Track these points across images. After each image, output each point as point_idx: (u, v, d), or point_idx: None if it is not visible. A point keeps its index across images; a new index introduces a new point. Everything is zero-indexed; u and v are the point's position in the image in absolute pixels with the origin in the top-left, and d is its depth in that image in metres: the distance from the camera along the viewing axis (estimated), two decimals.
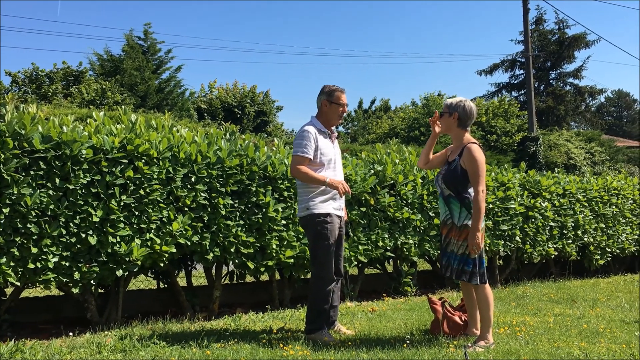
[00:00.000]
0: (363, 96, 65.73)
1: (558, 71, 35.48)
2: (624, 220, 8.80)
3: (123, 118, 4.92)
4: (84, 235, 4.35)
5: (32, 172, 4.19)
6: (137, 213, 4.60)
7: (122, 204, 4.52)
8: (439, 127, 4.38)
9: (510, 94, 34.88)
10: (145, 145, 4.65)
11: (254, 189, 5.22)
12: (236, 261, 5.20)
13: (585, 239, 8.24)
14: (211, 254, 4.97)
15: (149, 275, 5.49)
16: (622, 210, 8.80)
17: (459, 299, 5.05)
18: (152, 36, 23.51)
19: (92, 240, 4.36)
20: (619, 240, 8.68)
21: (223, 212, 5.01)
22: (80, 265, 4.35)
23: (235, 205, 5.13)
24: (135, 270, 4.67)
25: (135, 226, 4.60)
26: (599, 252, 8.45)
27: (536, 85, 33.17)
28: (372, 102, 35.68)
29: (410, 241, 6.36)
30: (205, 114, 22.94)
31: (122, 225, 4.52)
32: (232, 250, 5.06)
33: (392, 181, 6.33)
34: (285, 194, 5.42)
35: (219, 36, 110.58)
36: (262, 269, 5.32)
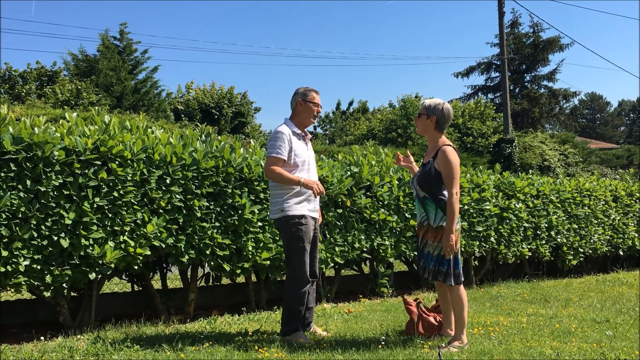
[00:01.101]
0: (341, 98, 65.82)
1: (533, 74, 35.98)
2: (596, 221, 8.95)
3: (96, 119, 4.85)
4: (55, 238, 4.28)
5: (2, 174, 4.11)
6: (110, 215, 4.55)
7: (95, 206, 4.46)
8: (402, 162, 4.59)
9: (486, 96, 35.28)
10: (119, 146, 4.60)
11: (229, 190, 5.20)
12: (212, 263, 5.17)
13: (559, 240, 8.36)
14: (186, 256, 4.94)
15: (123, 278, 5.43)
16: (595, 211, 8.95)
17: (435, 299, 5.09)
18: (128, 36, 23.26)
19: (64, 243, 4.30)
20: (592, 240, 8.82)
21: (198, 214, 4.98)
22: (52, 268, 4.29)
23: (211, 207, 5.10)
24: (108, 273, 4.62)
25: (108, 228, 4.54)
26: (572, 252, 8.58)
27: (511, 88, 33.58)
28: (350, 103, 35.76)
29: (387, 242, 6.39)
30: (182, 115, 22.79)
31: (95, 227, 4.46)
32: (207, 252, 5.03)
33: (369, 183, 6.35)
34: (262, 195, 5.40)
35: (195, 37, 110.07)
36: (238, 271, 5.29)
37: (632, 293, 6.77)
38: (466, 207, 7.18)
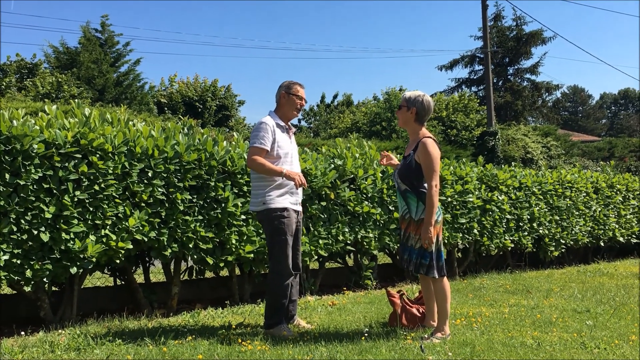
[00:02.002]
0: (325, 91, 65.87)
1: (516, 67, 36.17)
2: (577, 213, 9.05)
3: (77, 112, 4.79)
4: (36, 232, 4.23)
5: None
6: (91, 209, 4.50)
7: (75, 199, 4.41)
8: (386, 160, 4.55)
9: (469, 89, 35.39)
10: (99, 139, 4.55)
11: (212, 183, 5.17)
12: (195, 257, 5.14)
13: (541, 231, 8.44)
14: (169, 250, 4.91)
15: (105, 272, 5.38)
16: (576, 202, 9.05)
17: (418, 291, 5.12)
18: (109, 28, 22.98)
19: (45, 237, 4.25)
20: (573, 232, 8.92)
21: (181, 208, 4.95)
22: (32, 262, 4.24)
23: (194, 200, 5.07)
24: (90, 267, 4.57)
25: (89, 222, 4.50)
26: (554, 243, 8.67)
27: (495, 81, 33.75)
28: (335, 96, 35.72)
29: (371, 235, 6.40)
30: (166, 108, 22.61)
31: (76, 221, 4.42)
32: (190, 245, 5.00)
33: (352, 175, 6.36)
34: (245, 188, 5.38)
35: (177, 29, 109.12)
36: (222, 265, 5.28)
37: (612, 283, 6.86)
38: (449, 199, 7.22)
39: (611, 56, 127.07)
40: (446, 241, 7.18)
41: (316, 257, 6.07)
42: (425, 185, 4.10)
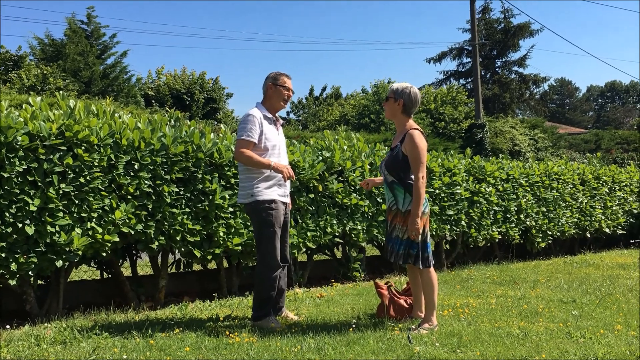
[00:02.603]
0: (314, 83, 65.62)
1: (503, 59, 36.33)
2: (564, 204, 9.11)
3: (61, 104, 4.74)
4: (20, 225, 4.18)
5: None
6: (77, 202, 4.46)
7: (61, 192, 4.36)
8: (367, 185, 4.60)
9: (458, 81, 35.53)
10: (85, 131, 4.50)
11: (200, 176, 5.15)
12: (182, 249, 5.12)
13: (528, 223, 8.49)
14: (156, 243, 4.88)
15: (92, 265, 5.35)
16: (563, 194, 9.11)
17: (406, 282, 5.13)
18: (95, 20, 22.77)
19: (30, 230, 4.20)
20: (560, 223, 8.98)
21: (168, 200, 4.92)
22: (17, 256, 4.19)
23: (181, 192, 5.04)
24: (76, 260, 4.53)
25: (75, 215, 4.46)
26: (541, 235, 8.73)
27: (483, 73, 33.89)
28: (323, 89, 35.66)
29: (359, 227, 6.41)
30: (153, 101, 22.46)
31: (61, 214, 4.37)
32: (178, 238, 4.98)
33: (340, 167, 6.35)
34: (233, 181, 5.36)
35: (164, 20, 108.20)
36: (209, 257, 5.25)
37: (598, 274, 6.92)
38: (437, 191, 7.24)
39: (598, 49, 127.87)
40: (434, 233, 7.20)
41: (304, 249, 6.07)
42: (412, 176, 4.11)
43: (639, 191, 10.77)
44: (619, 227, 10.19)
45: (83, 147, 4.51)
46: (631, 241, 10.90)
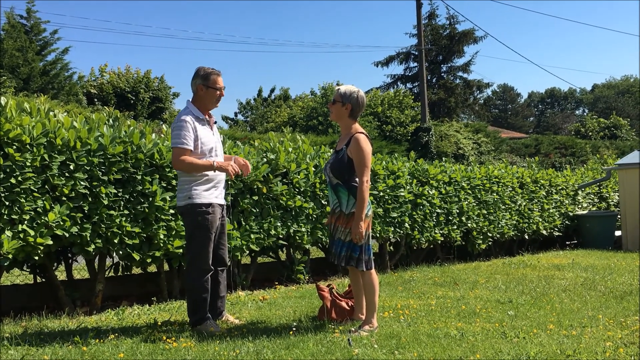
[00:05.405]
0: (263, 84, 65.40)
1: (449, 65, 37.08)
2: (503, 207, 9.37)
3: None
4: None
5: None
6: (7, 203, 4.28)
7: None
8: None
9: (405, 85, 36.05)
10: (16, 130, 4.33)
11: (139, 177, 5.02)
12: (121, 252, 4.98)
13: (469, 225, 8.68)
14: (92, 246, 4.73)
15: (25, 269, 5.13)
16: (502, 197, 9.36)
17: (348, 285, 5.16)
18: (35, 15, 21.94)
19: None
20: (499, 225, 9.23)
21: (105, 202, 4.78)
22: None
23: (119, 194, 4.91)
24: (6, 264, 4.35)
25: (5, 217, 4.27)
26: (481, 237, 8.94)
27: (429, 78, 34.49)
28: (272, 90, 35.54)
29: (303, 229, 6.40)
30: (96, 100, 21.82)
31: None
32: (115, 241, 4.84)
33: (285, 169, 6.33)
34: (174, 182, 5.25)
35: (107, 17, 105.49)
36: (149, 260, 5.14)
37: (534, 274, 7.14)
38: (381, 193, 7.31)
39: (539, 57, 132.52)
40: (378, 235, 7.27)
41: (248, 251, 6.01)
42: (357, 179, 4.13)
43: (574, 194, 11.20)
44: (556, 229, 10.56)
45: (14, 147, 4.33)
46: (567, 242, 11.33)
